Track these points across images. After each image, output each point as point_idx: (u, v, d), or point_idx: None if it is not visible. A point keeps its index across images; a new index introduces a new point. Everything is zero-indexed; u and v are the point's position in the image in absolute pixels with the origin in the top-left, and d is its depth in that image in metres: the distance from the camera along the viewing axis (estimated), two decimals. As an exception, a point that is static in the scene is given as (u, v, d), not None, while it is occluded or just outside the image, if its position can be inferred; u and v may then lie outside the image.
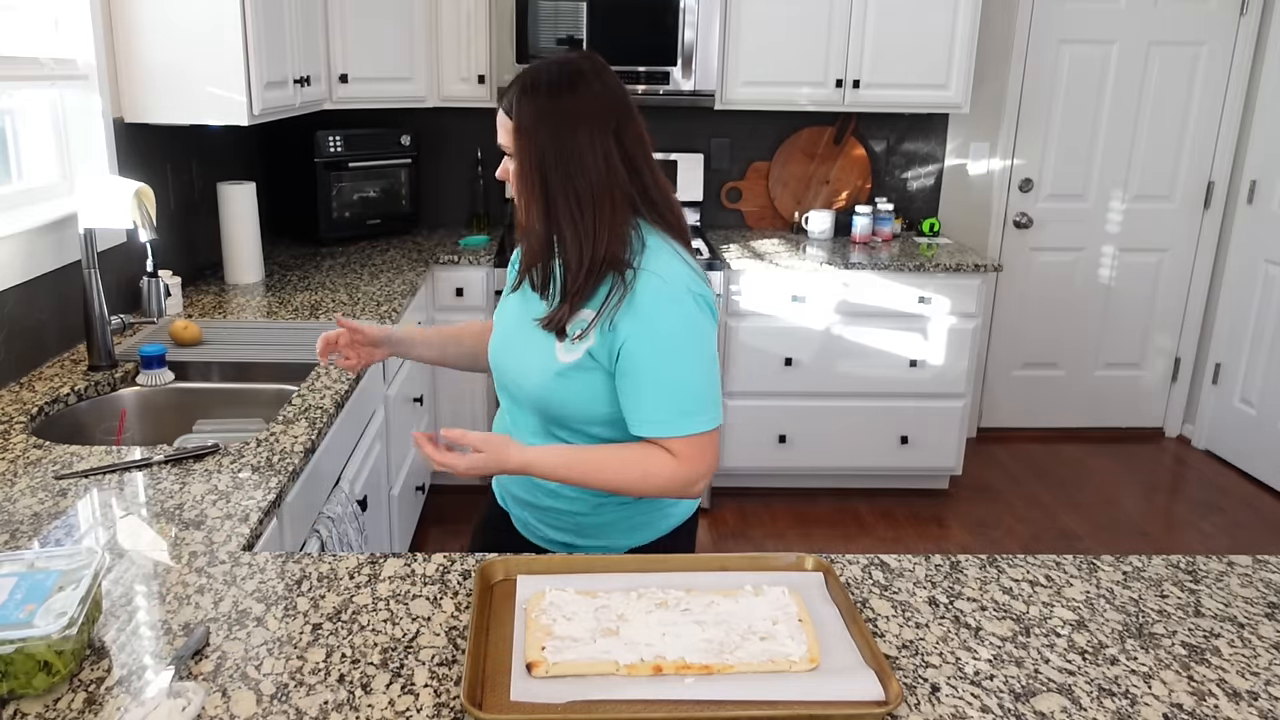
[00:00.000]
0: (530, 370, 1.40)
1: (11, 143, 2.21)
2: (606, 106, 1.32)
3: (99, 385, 2.03)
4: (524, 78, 1.34)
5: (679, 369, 1.32)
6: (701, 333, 1.33)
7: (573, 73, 1.33)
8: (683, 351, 1.32)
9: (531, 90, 1.32)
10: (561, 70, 1.33)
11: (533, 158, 1.31)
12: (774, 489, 3.75)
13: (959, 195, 4.11)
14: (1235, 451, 4.10)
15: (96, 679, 1.03)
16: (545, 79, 1.33)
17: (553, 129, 1.30)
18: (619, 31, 3.41)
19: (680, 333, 1.31)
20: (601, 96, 1.32)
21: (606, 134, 1.31)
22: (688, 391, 1.32)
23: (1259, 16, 3.93)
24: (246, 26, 2.43)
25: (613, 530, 1.48)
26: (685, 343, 1.32)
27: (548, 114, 1.31)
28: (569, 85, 1.31)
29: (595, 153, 1.30)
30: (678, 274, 1.33)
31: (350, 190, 3.54)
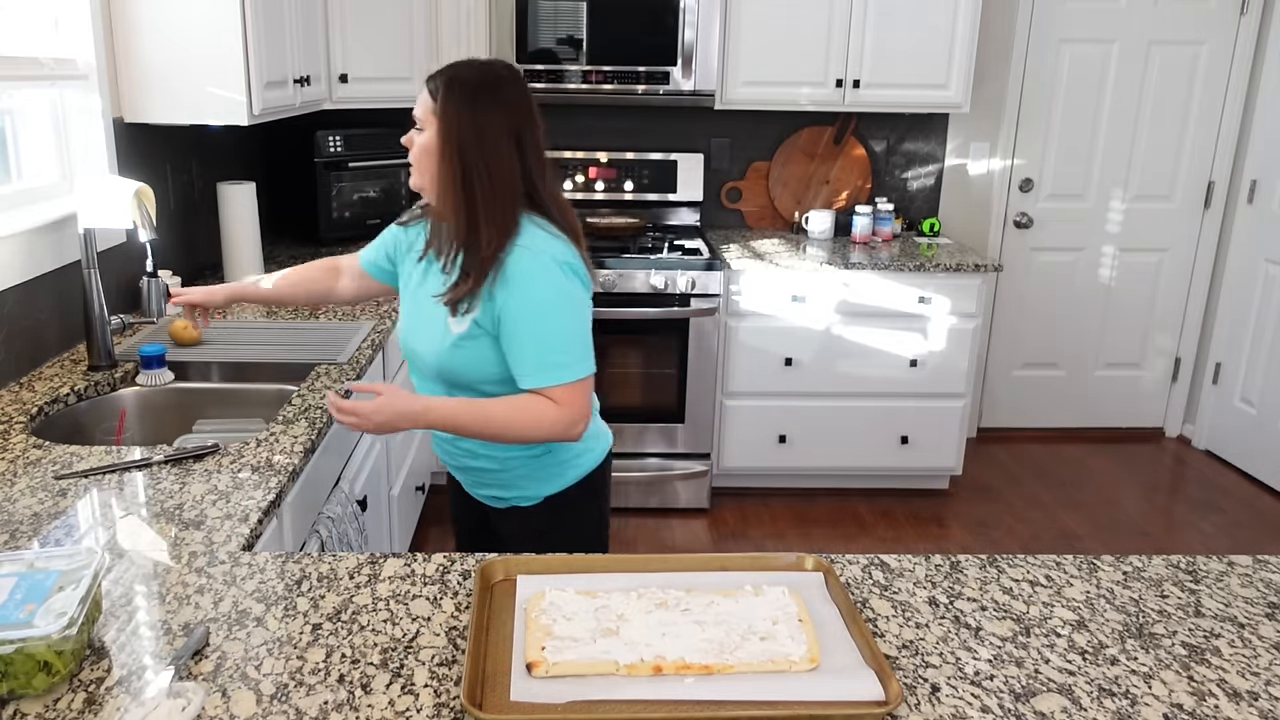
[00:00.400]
0: (429, 343, 1.59)
1: (11, 143, 2.21)
2: (518, 112, 1.53)
3: (99, 385, 2.03)
4: (451, 71, 1.54)
5: (551, 327, 1.50)
6: (568, 294, 1.51)
7: (495, 77, 1.54)
8: (553, 312, 1.50)
9: (459, 86, 1.51)
10: (484, 73, 1.54)
11: (453, 146, 1.50)
12: (774, 489, 3.75)
13: (959, 195, 4.11)
14: (1235, 451, 4.10)
15: (96, 679, 1.03)
16: (471, 79, 1.52)
17: (473, 125, 1.49)
18: (619, 31, 3.41)
19: (549, 296, 1.50)
20: (515, 103, 1.53)
21: (513, 136, 1.51)
22: (560, 346, 1.50)
23: (1259, 16, 3.93)
24: (246, 26, 2.43)
25: (527, 481, 1.66)
26: (554, 304, 1.50)
27: (469, 111, 1.50)
28: (490, 89, 1.52)
29: (503, 151, 1.50)
30: (544, 246, 1.51)
31: (350, 190, 3.54)
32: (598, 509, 1.75)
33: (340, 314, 2.57)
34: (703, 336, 3.39)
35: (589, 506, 1.73)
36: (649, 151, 3.86)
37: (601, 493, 1.74)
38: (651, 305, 3.35)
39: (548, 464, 1.65)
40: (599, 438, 1.73)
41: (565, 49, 3.41)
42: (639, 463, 3.52)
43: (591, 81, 3.44)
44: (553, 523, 1.68)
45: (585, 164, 3.84)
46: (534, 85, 3.43)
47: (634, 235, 3.66)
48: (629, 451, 3.52)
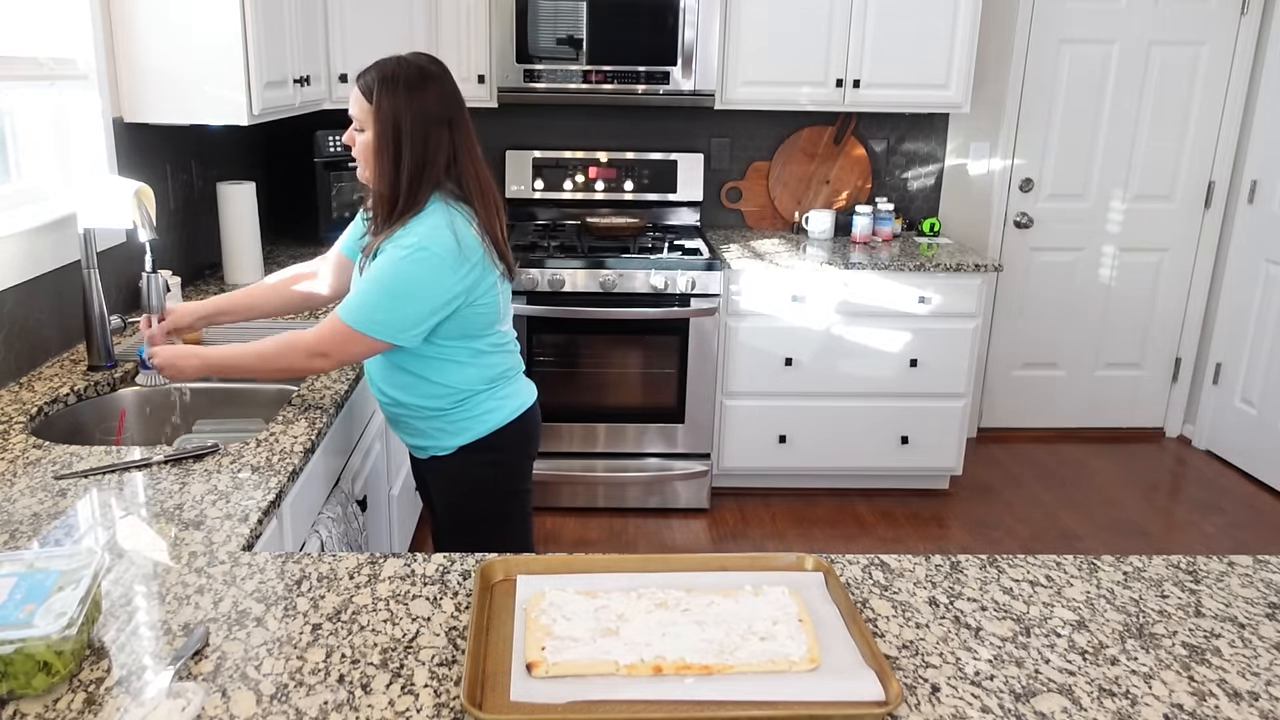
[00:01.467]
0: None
1: (11, 142, 2.21)
2: (446, 105, 1.72)
3: (99, 385, 2.03)
4: (383, 69, 1.70)
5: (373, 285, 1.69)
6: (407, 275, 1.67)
7: (422, 72, 1.71)
8: (383, 278, 1.68)
9: (391, 82, 1.69)
10: (413, 69, 1.71)
11: (388, 136, 1.68)
12: (774, 489, 3.75)
13: (959, 195, 4.11)
14: (1236, 451, 4.10)
15: (96, 679, 1.03)
16: (403, 75, 1.69)
17: (406, 117, 1.68)
18: (619, 31, 3.40)
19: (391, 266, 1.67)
20: (443, 95, 1.72)
21: (444, 125, 1.71)
22: (368, 297, 1.69)
23: (1259, 16, 3.93)
24: (246, 26, 2.43)
25: (440, 433, 1.85)
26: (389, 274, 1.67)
27: (403, 105, 1.68)
28: (420, 84, 1.70)
29: (433, 138, 1.70)
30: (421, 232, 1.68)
31: (350, 190, 3.54)
32: (515, 463, 1.93)
33: (340, 314, 2.57)
34: (703, 336, 3.39)
35: (505, 460, 1.90)
36: (649, 151, 3.86)
37: (518, 448, 1.92)
38: (651, 305, 3.35)
39: (456, 417, 1.83)
40: (510, 397, 1.89)
41: (565, 49, 3.41)
42: (639, 463, 3.52)
43: (591, 81, 3.44)
44: (467, 471, 1.87)
45: (585, 164, 3.84)
46: (534, 85, 3.43)
47: (634, 235, 3.66)
48: (629, 451, 3.52)
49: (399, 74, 1.69)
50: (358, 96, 1.72)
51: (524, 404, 1.91)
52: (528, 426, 1.92)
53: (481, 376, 1.83)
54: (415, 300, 1.68)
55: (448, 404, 1.82)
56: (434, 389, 1.80)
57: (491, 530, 1.90)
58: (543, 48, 3.40)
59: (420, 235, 1.67)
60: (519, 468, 1.95)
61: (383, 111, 1.68)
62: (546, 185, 3.85)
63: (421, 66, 1.72)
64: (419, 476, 2.05)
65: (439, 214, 1.70)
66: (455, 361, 1.79)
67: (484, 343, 1.81)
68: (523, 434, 1.91)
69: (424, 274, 1.67)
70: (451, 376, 1.80)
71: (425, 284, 1.67)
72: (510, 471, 1.93)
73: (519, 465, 1.95)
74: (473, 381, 1.82)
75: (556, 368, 3.41)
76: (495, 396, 1.85)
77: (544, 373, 3.39)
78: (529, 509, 2.00)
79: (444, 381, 1.80)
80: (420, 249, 1.66)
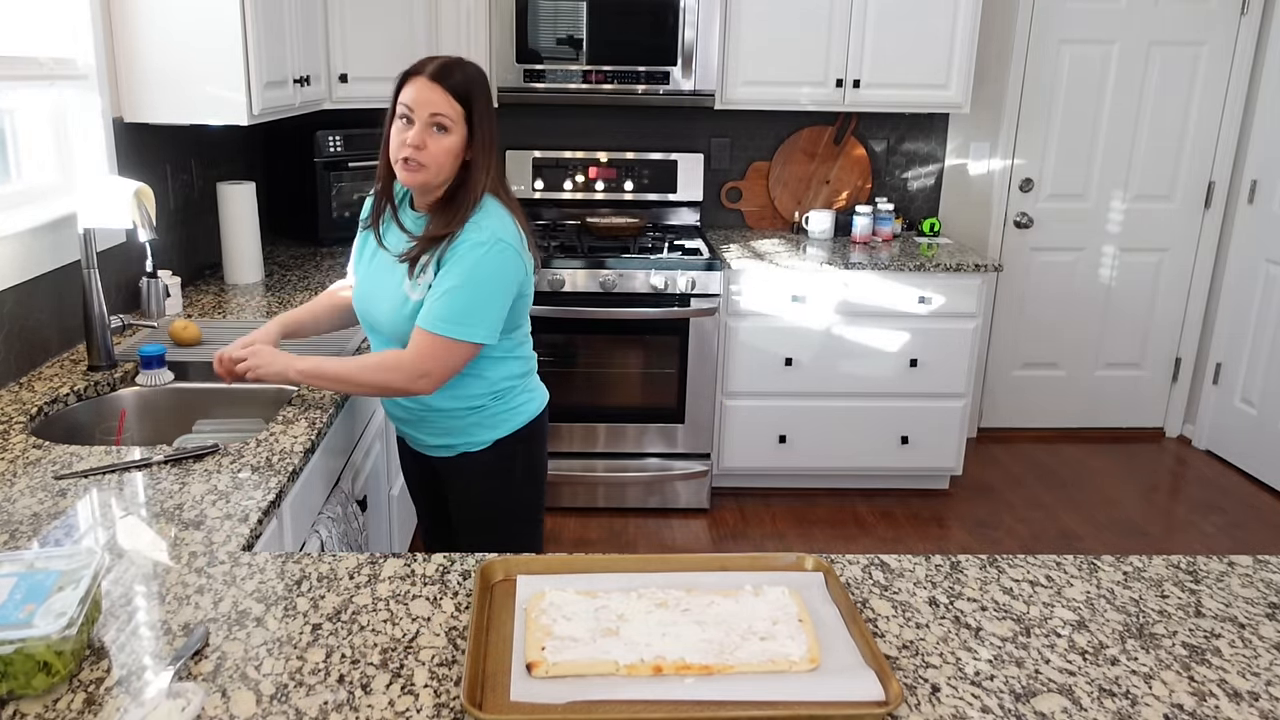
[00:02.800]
0: (385, 308, 1.76)
1: (11, 142, 2.21)
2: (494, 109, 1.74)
3: (98, 385, 2.03)
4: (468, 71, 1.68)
5: (460, 287, 1.65)
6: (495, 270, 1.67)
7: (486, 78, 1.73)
8: (471, 277, 1.65)
9: (482, 86, 1.69)
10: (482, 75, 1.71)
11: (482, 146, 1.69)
12: (774, 489, 3.75)
13: (959, 195, 4.11)
14: (1236, 451, 4.10)
15: (96, 679, 1.03)
16: (482, 81, 1.70)
17: (490, 121, 1.70)
18: (619, 31, 3.40)
19: (476, 263, 1.65)
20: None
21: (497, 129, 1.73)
22: (455, 305, 1.65)
23: (1259, 16, 3.93)
24: (246, 26, 2.43)
25: (476, 428, 1.84)
26: (476, 272, 1.65)
27: (488, 109, 1.70)
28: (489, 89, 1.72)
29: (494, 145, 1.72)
30: (494, 223, 1.68)
31: (350, 190, 3.54)
32: (538, 454, 1.96)
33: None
34: (703, 336, 3.39)
35: (531, 451, 1.92)
36: (649, 151, 3.86)
37: (540, 440, 1.95)
38: (651, 305, 3.35)
39: (494, 410, 1.84)
40: (538, 388, 1.94)
41: (565, 49, 3.41)
42: (639, 463, 3.52)
43: (591, 81, 3.44)
44: (499, 464, 1.88)
45: (585, 164, 3.84)
46: (534, 85, 3.43)
47: (634, 235, 3.66)
48: (629, 451, 3.52)
49: (481, 77, 1.70)
50: (445, 98, 1.64)
51: (546, 394, 1.96)
52: (548, 416, 1.97)
53: (517, 369, 1.85)
54: (501, 293, 1.70)
55: (487, 399, 1.82)
56: (475, 385, 1.80)
57: (512, 522, 1.92)
58: (543, 48, 3.40)
59: (492, 228, 1.67)
60: (543, 458, 1.98)
61: (484, 117, 1.68)
62: (546, 185, 3.85)
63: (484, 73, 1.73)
64: (425, 479, 2.03)
65: (495, 205, 1.71)
66: (495, 356, 1.79)
67: (520, 334, 1.84)
68: (546, 423, 1.96)
69: (505, 265, 1.68)
70: (492, 371, 1.80)
71: (507, 275, 1.69)
72: (537, 461, 1.96)
73: (544, 455, 1.98)
74: (510, 374, 1.84)
75: (557, 368, 3.41)
76: (527, 388, 1.89)
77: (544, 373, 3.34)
78: (544, 501, 2.02)
79: (485, 376, 1.80)
80: (498, 240, 1.67)
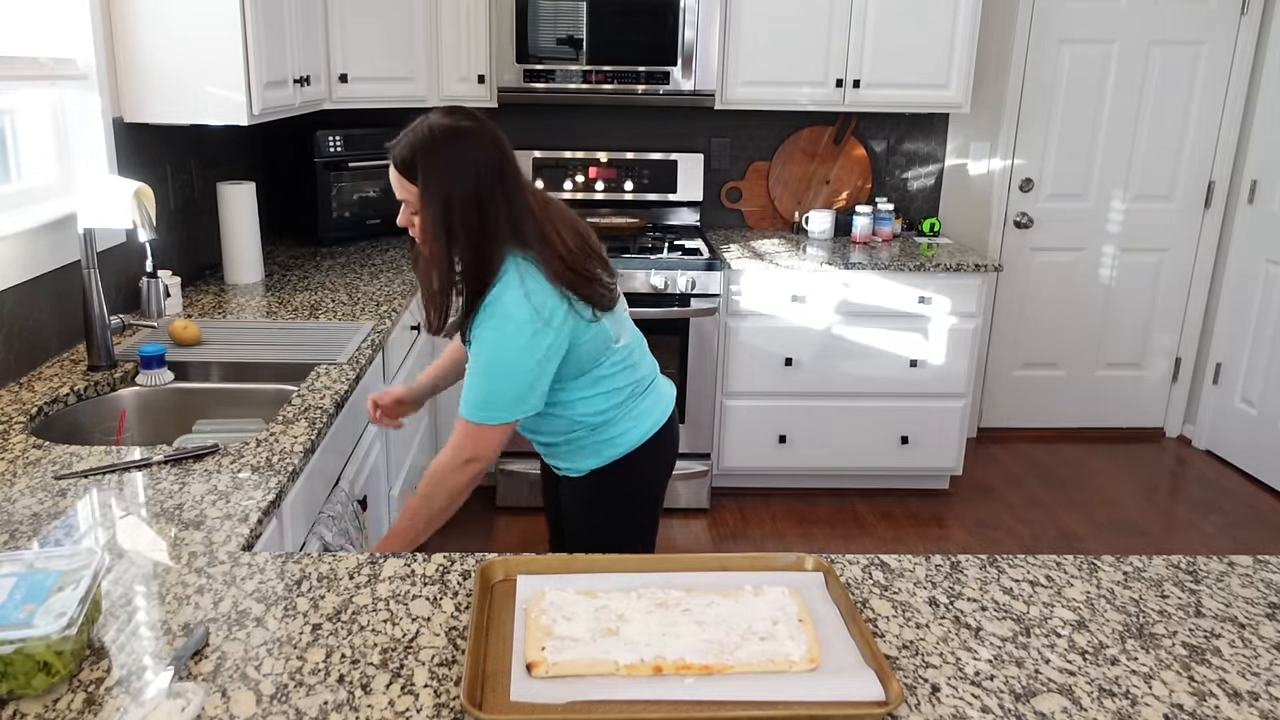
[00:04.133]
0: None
1: (11, 142, 2.21)
2: (490, 161, 1.58)
3: (98, 385, 2.03)
4: (417, 139, 1.58)
5: (482, 370, 1.63)
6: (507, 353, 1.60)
7: (457, 133, 1.57)
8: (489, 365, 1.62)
9: (429, 153, 1.56)
10: (446, 132, 1.57)
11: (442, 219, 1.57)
12: (774, 489, 3.75)
13: (959, 195, 4.11)
14: (1236, 451, 4.10)
15: (96, 679, 1.03)
16: (441, 141, 1.56)
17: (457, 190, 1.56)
18: (619, 31, 3.40)
19: (490, 351, 1.61)
20: (485, 154, 1.58)
21: (493, 185, 1.58)
22: (479, 392, 1.64)
23: (1259, 16, 3.93)
24: (246, 26, 2.43)
25: (574, 455, 1.82)
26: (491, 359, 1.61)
27: (450, 177, 1.56)
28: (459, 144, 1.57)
29: (485, 203, 1.57)
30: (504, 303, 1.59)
31: (350, 190, 3.54)
32: (647, 481, 1.88)
33: (340, 314, 2.57)
34: (703, 336, 3.39)
35: (637, 478, 1.85)
36: (649, 151, 3.86)
37: (651, 465, 1.86)
38: (651, 305, 3.35)
39: (589, 441, 1.79)
40: (644, 415, 1.82)
41: (565, 49, 3.41)
42: (639, 463, 3.52)
43: (591, 81, 3.44)
44: (598, 493, 1.84)
45: (585, 164, 3.84)
46: (534, 86, 3.43)
47: (634, 235, 3.66)
48: (629, 451, 3.51)
49: (435, 141, 1.56)
50: (398, 177, 1.61)
51: (659, 420, 1.83)
52: (664, 441, 1.86)
53: (609, 401, 1.76)
54: (520, 374, 1.62)
55: (582, 432, 1.78)
56: (564, 423, 1.77)
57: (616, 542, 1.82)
58: (543, 48, 3.40)
59: (502, 306, 1.58)
60: (653, 483, 1.90)
61: (431, 191, 1.57)
62: (547, 185, 3.85)
63: (452, 126, 1.58)
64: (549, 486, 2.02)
65: (511, 274, 1.59)
66: (578, 397, 1.74)
67: (602, 369, 1.74)
68: (658, 450, 1.85)
69: (520, 345, 1.59)
70: (578, 410, 1.75)
71: (524, 355, 1.60)
72: (643, 489, 1.88)
73: (653, 481, 1.89)
74: (601, 407, 1.76)
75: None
76: (630, 416, 1.79)
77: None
78: (658, 518, 1.95)
79: (572, 416, 1.76)
80: (506, 321, 1.58)
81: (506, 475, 3.50)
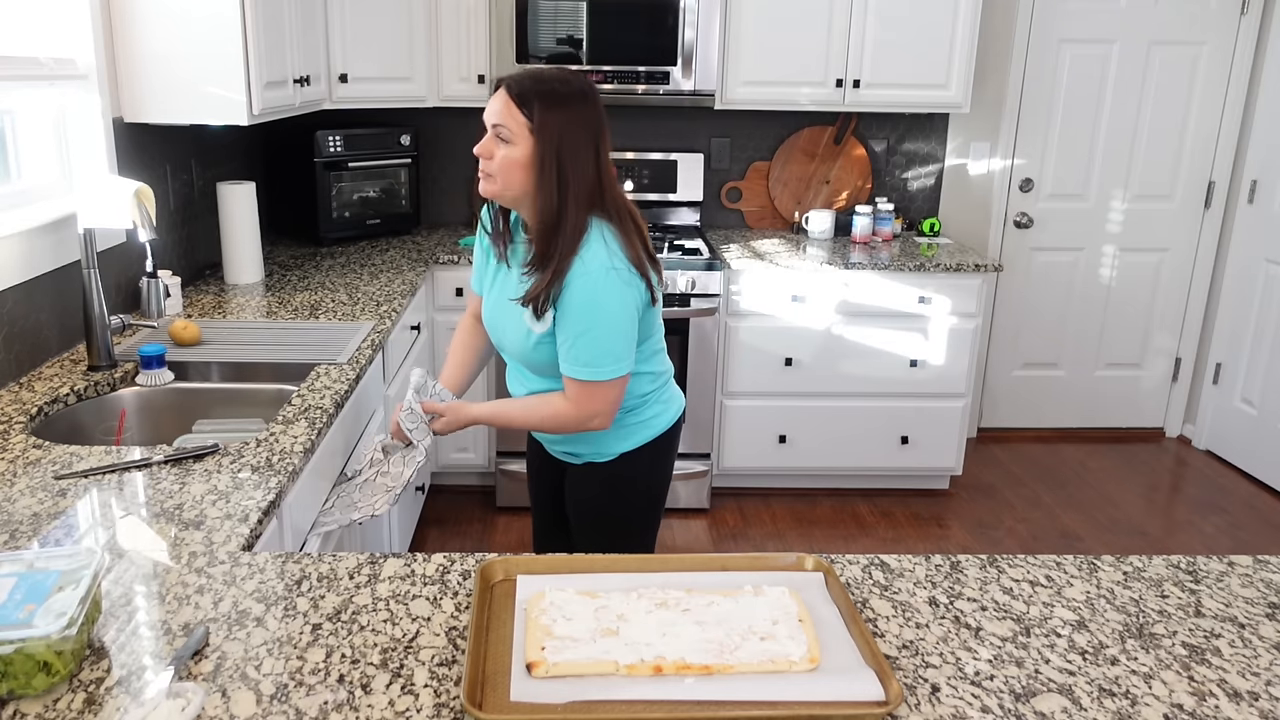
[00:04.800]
0: (511, 337, 1.76)
1: (11, 142, 2.21)
2: (597, 123, 1.64)
3: (98, 385, 2.03)
4: (542, 83, 1.61)
5: (587, 328, 1.64)
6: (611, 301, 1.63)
7: (581, 90, 1.64)
8: (593, 315, 1.63)
9: (552, 98, 1.60)
10: (572, 85, 1.63)
11: (551, 159, 1.59)
12: (774, 489, 3.75)
13: (959, 195, 4.11)
14: (1236, 451, 4.10)
15: (96, 679, 1.03)
16: (563, 90, 1.61)
17: (569, 135, 1.60)
18: (619, 31, 3.40)
19: (593, 300, 1.62)
20: (594, 115, 1.64)
21: (593, 146, 1.63)
22: (589, 347, 1.64)
23: (1259, 16, 3.93)
24: (246, 26, 2.43)
25: (604, 438, 1.81)
26: (596, 309, 1.63)
27: (566, 122, 1.60)
28: (579, 100, 1.62)
29: (586, 162, 1.62)
30: (600, 253, 1.62)
31: (350, 190, 3.54)
32: (663, 467, 1.91)
33: (340, 314, 2.57)
34: (703, 336, 3.39)
35: (657, 463, 1.89)
36: (649, 151, 3.86)
37: (669, 453, 1.91)
38: (651, 305, 3.35)
39: (626, 422, 1.81)
40: (672, 400, 1.89)
41: (565, 49, 3.41)
42: (639, 463, 3.52)
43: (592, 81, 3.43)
44: (624, 475, 1.85)
45: (585, 164, 3.83)
46: (534, 85, 3.42)
47: (634, 235, 3.65)
48: (629, 451, 3.51)
49: (560, 91, 1.61)
50: (509, 106, 1.60)
51: (680, 407, 1.91)
52: (679, 431, 1.92)
53: (647, 385, 1.81)
54: (627, 322, 1.66)
55: (620, 411, 1.79)
56: None
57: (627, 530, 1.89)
58: (543, 48, 3.40)
59: (598, 259, 1.61)
60: (668, 469, 1.94)
61: (549, 126, 1.59)
62: (546, 185, 3.84)
63: (581, 87, 1.64)
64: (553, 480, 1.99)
65: (596, 235, 1.64)
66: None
67: (648, 347, 1.80)
68: (674, 439, 1.91)
69: (623, 294, 1.64)
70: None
71: (627, 303, 1.65)
72: (661, 473, 1.92)
73: (669, 466, 1.93)
74: (645, 389, 1.81)
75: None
76: (660, 400, 1.85)
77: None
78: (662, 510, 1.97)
79: None
80: (611, 270, 1.62)
81: (506, 475, 3.50)
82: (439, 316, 3.40)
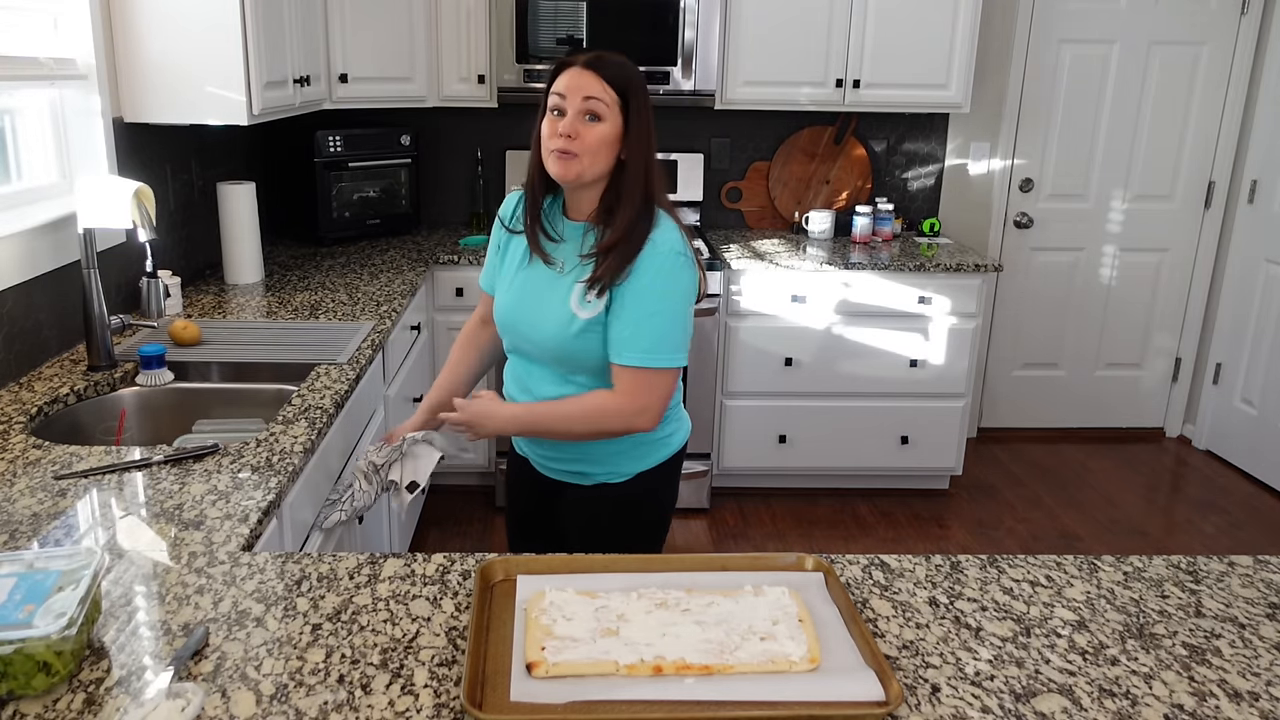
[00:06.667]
0: (545, 329, 1.63)
1: (11, 143, 2.21)
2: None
3: (98, 385, 2.03)
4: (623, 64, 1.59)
5: (656, 314, 1.57)
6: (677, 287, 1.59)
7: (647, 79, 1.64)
8: (658, 300, 1.57)
9: (638, 76, 1.60)
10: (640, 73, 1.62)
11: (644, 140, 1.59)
12: (774, 489, 3.75)
13: (959, 195, 4.11)
14: (1236, 451, 4.10)
15: (96, 679, 1.03)
16: (640, 76, 1.61)
17: (648, 119, 1.60)
18: (619, 31, 3.40)
19: (661, 284, 1.57)
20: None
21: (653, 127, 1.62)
22: (656, 333, 1.57)
23: (1259, 16, 3.93)
24: (246, 26, 2.43)
25: (620, 457, 1.71)
26: (662, 293, 1.57)
27: (645, 106, 1.59)
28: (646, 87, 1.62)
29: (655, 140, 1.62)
30: (670, 236, 1.59)
31: (350, 190, 3.54)
32: (674, 489, 1.83)
33: (340, 314, 2.57)
34: (703, 336, 3.39)
35: (669, 485, 1.80)
36: (649, 151, 3.86)
37: (678, 472, 1.82)
38: (651, 305, 3.34)
39: (642, 440, 1.70)
40: (684, 420, 1.82)
41: (565, 49, 3.41)
42: (639, 463, 3.52)
43: (591, 81, 3.43)
44: (635, 498, 1.75)
45: (585, 164, 3.83)
46: (534, 85, 3.43)
47: (634, 235, 3.65)
48: (629, 451, 3.51)
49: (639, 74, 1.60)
50: (599, 83, 1.55)
51: (690, 424, 1.85)
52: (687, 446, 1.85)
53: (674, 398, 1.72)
54: (690, 309, 1.63)
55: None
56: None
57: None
58: (543, 47, 3.40)
59: (672, 241, 1.58)
60: (676, 491, 1.85)
61: (641, 112, 1.58)
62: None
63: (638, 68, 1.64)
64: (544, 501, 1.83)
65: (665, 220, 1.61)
66: None
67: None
68: (683, 458, 1.83)
69: (690, 280, 1.61)
70: None
71: (691, 291, 1.62)
72: (670, 497, 1.83)
73: (677, 488, 1.85)
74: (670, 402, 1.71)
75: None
76: (676, 417, 1.78)
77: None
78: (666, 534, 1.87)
79: None
80: (681, 254, 1.59)
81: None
82: (439, 316, 3.39)
